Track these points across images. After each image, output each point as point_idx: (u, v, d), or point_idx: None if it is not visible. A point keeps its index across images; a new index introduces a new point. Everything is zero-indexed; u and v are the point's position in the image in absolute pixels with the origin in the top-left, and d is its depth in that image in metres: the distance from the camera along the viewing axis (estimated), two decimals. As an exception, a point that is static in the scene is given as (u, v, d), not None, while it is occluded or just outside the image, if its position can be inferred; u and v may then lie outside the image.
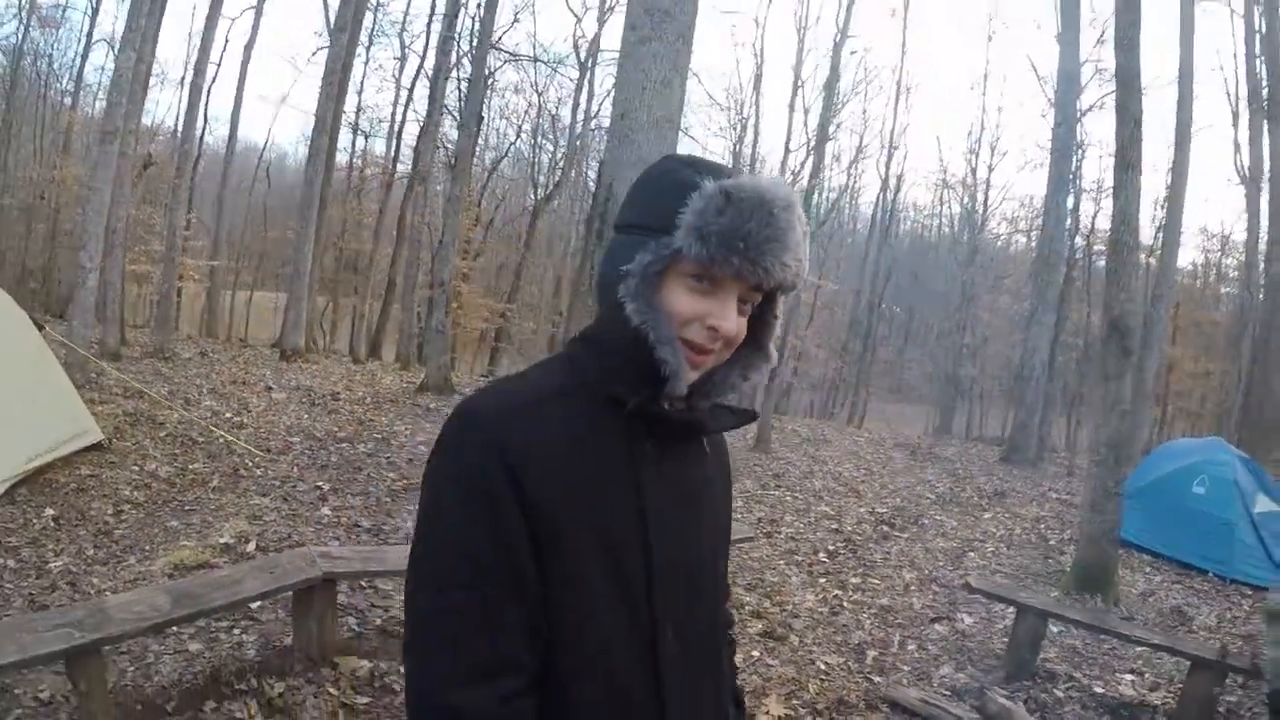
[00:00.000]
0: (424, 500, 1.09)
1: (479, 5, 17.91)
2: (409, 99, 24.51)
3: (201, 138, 19.61)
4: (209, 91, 20.59)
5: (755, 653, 4.86)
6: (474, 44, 18.94)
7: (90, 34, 22.57)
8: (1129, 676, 5.30)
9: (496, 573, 1.03)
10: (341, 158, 23.43)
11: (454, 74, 20.22)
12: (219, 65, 20.28)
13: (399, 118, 24.93)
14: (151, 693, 3.43)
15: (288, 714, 3.41)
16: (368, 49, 23.92)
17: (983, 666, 5.14)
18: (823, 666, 4.83)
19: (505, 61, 23.39)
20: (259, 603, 4.06)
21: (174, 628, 3.65)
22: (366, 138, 26.28)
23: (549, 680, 1.07)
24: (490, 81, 21.41)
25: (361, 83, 24.18)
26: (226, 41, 25.87)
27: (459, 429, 1.08)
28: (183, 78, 24.36)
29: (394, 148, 25.18)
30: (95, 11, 23.85)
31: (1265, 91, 17.91)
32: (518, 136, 27.92)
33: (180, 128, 17.42)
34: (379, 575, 4.49)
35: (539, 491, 1.04)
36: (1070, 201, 18.96)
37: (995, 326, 28.00)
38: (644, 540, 1.12)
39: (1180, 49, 14.46)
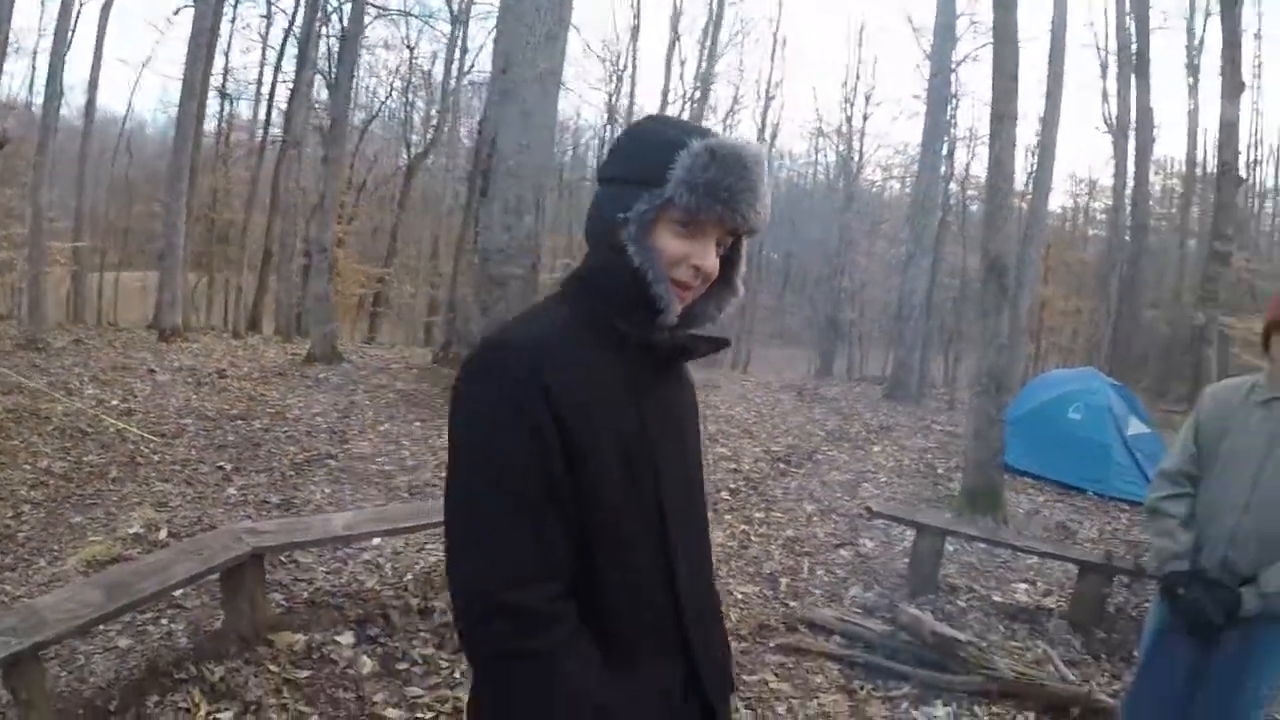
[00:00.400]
0: (463, 425, 1.23)
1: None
2: (279, 60, 23.44)
3: (58, 109, 18.24)
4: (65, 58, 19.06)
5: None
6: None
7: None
8: (1023, 585, 5.71)
9: (540, 487, 1.18)
10: (208, 124, 22.20)
11: (323, 32, 19.48)
12: (74, 30, 18.68)
13: (268, 80, 23.88)
14: (91, 695, 3.35)
15: (232, 696, 3.39)
16: (234, 7, 22.62)
17: (888, 585, 5.47)
18: (740, 596, 5.06)
19: (376, 16, 22.54)
20: (183, 590, 3.98)
21: (101, 626, 3.56)
22: (233, 102, 25.03)
23: (583, 570, 1.24)
24: (360, 38, 20.75)
25: (229, 43, 22.97)
26: (81, 3, 24.12)
27: (496, 362, 1.22)
28: (36, 45, 22.50)
29: (266, 112, 24.10)
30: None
31: (1134, 47, 18.91)
32: (389, 95, 27.16)
33: (40, 100, 16.14)
34: (306, 546, 4.46)
35: (568, 413, 1.19)
36: (945, 148, 19.68)
37: (872, 270, 28.86)
38: (650, 451, 1.32)
39: (1054, 4, 15.05)
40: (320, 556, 4.98)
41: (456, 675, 3.80)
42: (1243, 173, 17.14)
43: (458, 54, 24.67)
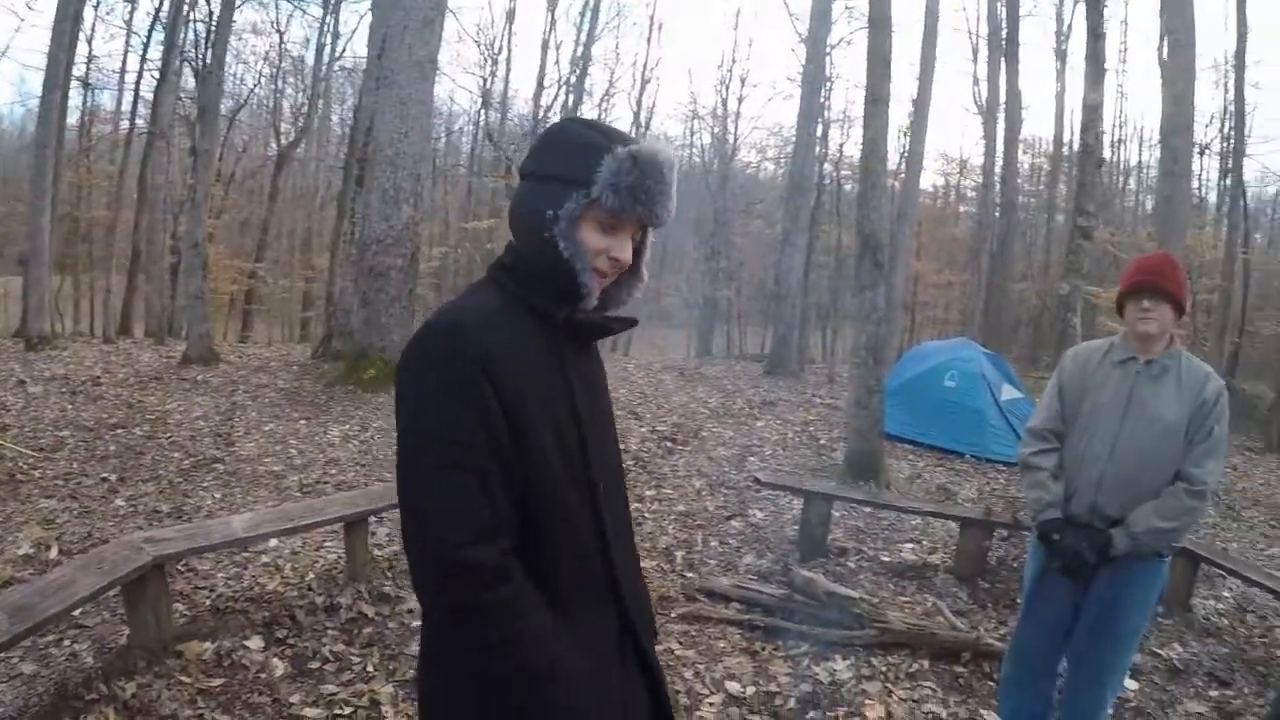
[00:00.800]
0: (415, 406, 1.37)
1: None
2: (145, 47, 22.11)
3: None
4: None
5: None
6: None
7: None
8: (909, 545, 6.07)
9: (486, 454, 1.33)
10: (69, 116, 20.72)
11: (190, 16, 18.66)
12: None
13: (132, 68, 22.61)
14: (1, 726, 3.25)
15: (146, 712, 3.34)
16: (98, -9, 21.15)
17: (780, 552, 5.72)
18: (639, 571, 5.23)
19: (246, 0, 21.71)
20: (82, 609, 3.86)
21: (3, 653, 3.44)
22: (94, 92, 23.56)
23: (526, 528, 1.39)
24: (230, 23, 19.85)
25: (91, 30, 21.62)
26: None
27: (442, 346, 1.36)
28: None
29: (131, 102, 22.75)
30: None
31: (1004, 33, 19.81)
32: (258, 82, 26.22)
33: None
34: (209, 550, 4.37)
35: (506, 387, 1.35)
36: (819, 130, 20.18)
37: (749, 250, 29.44)
38: (579, 419, 1.50)
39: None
40: (219, 562, 4.92)
41: (369, 669, 3.84)
42: (1107, 152, 18.18)
43: (329, 39, 24.06)
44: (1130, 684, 4.19)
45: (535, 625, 1.36)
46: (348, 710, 3.51)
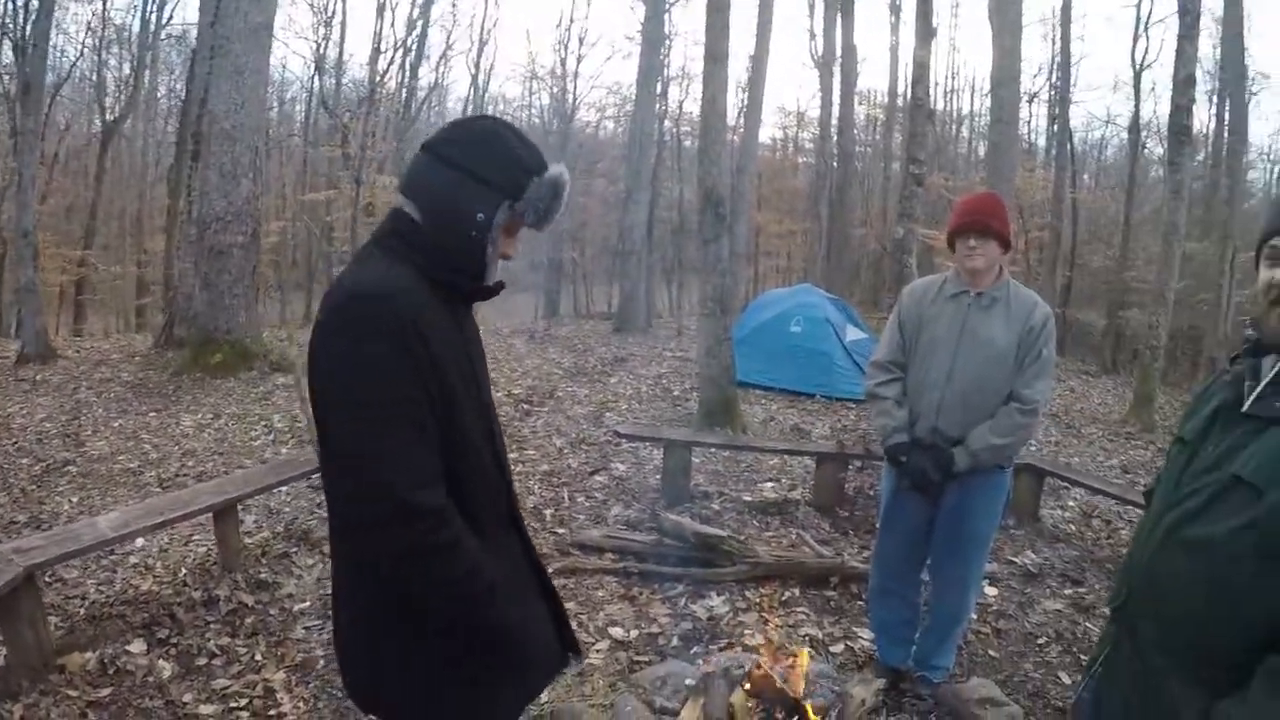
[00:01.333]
0: (354, 367, 1.50)
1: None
2: None
3: None
4: None
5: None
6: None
7: None
8: (769, 484, 6.40)
9: (424, 409, 1.52)
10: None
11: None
12: None
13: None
14: (-111, 773, 3.09)
15: (37, 734, 3.24)
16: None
17: (645, 501, 5.94)
18: (509, 533, 5.35)
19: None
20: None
21: None
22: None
23: (452, 473, 1.59)
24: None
25: None
26: None
27: (376, 306, 1.51)
28: None
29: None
30: None
31: None
32: (80, 54, 24.22)
33: None
34: (81, 554, 4.14)
35: (432, 346, 1.53)
36: (659, 88, 20.36)
37: (591, 209, 29.45)
38: (476, 372, 1.74)
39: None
40: (87, 569, 4.76)
41: (257, 658, 3.85)
42: (941, 103, 19.05)
43: (155, 6, 22.54)
44: (990, 590, 4.66)
45: (477, 560, 1.58)
46: (243, 701, 3.50)
